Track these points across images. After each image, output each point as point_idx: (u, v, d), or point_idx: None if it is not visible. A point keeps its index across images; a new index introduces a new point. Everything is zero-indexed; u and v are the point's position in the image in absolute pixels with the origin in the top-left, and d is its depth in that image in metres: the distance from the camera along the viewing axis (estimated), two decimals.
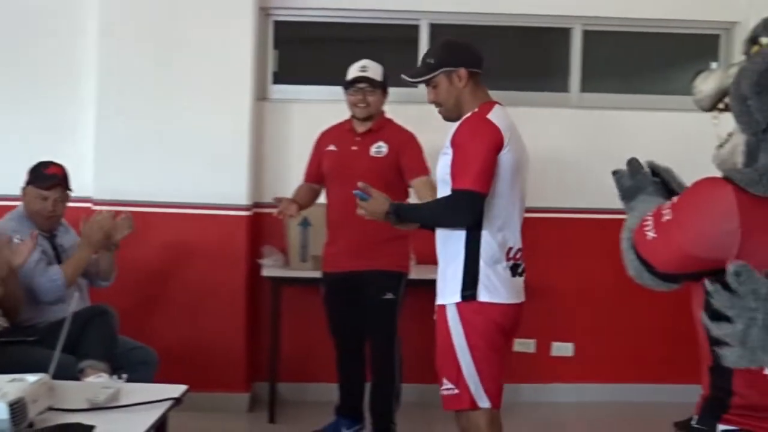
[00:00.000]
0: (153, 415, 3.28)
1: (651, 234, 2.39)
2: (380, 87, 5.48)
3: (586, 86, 6.83)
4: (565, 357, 6.68)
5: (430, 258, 6.26)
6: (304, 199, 5.58)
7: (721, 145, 2.46)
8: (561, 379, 6.66)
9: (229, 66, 6.29)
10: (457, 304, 4.01)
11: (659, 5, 6.74)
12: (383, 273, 5.44)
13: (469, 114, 4.04)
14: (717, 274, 2.29)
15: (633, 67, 7.13)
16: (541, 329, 6.61)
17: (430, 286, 6.06)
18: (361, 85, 5.43)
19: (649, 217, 2.42)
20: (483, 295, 3.99)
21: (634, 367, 6.81)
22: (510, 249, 4.07)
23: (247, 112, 6.33)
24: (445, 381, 4.08)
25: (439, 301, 4.12)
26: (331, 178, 5.51)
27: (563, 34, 6.83)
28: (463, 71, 4.10)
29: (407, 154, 5.45)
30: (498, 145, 3.95)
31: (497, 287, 4.00)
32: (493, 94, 6.67)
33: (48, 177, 5.18)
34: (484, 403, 4.04)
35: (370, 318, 5.52)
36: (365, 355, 5.68)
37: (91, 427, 2.98)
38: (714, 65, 6.89)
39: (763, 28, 2.36)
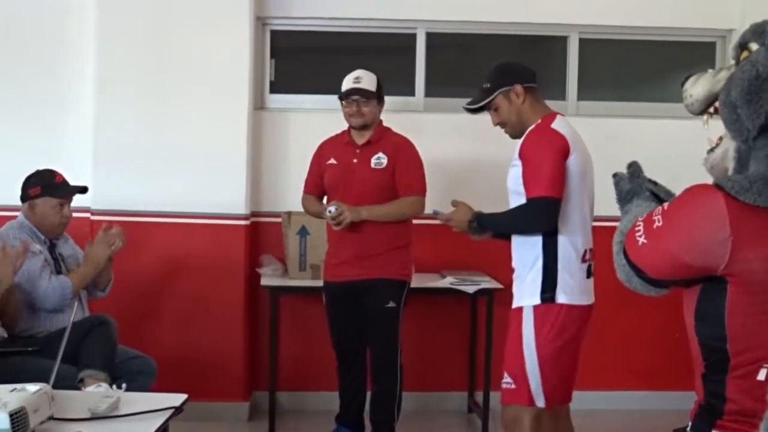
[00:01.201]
0: (154, 424, 3.28)
1: (642, 239, 2.40)
2: (374, 97, 5.49)
3: (583, 94, 6.84)
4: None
5: (429, 266, 6.35)
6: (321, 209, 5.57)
7: (711, 149, 2.48)
8: None
9: (226, 76, 6.29)
10: (535, 306, 4.15)
11: (655, 13, 6.75)
12: (385, 281, 5.45)
13: (533, 126, 4.19)
14: (708, 280, 2.32)
15: (629, 75, 7.14)
16: None
17: (428, 294, 6.18)
18: (355, 97, 5.45)
19: (640, 223, 2.43)
20: (561, 297, 4.14)
21: (631, 375, 6.81)
22: (586, 252, 4.23)
23: (244, 121, 6.33)
24: (506, 375, 4.22)
25: (516, 303, 4.25)
26: (334, 190, 5.53)
27: (560, 42, 6.84)
28: (519, 87, 4.25)
29: (402, 168, 5.47)
30: (565, 152, 4.11)
31: (573, 290, 4.16)
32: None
33: (62, 186, 5.24)
34: (540, 402, 4.16)
35: (371, 326, 5.52)
36: (366, 364, 5.68)
37: None
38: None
39: (752, 34, 2.37)
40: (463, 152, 6.63)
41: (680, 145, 6.41)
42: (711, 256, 2.27)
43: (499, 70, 4.37)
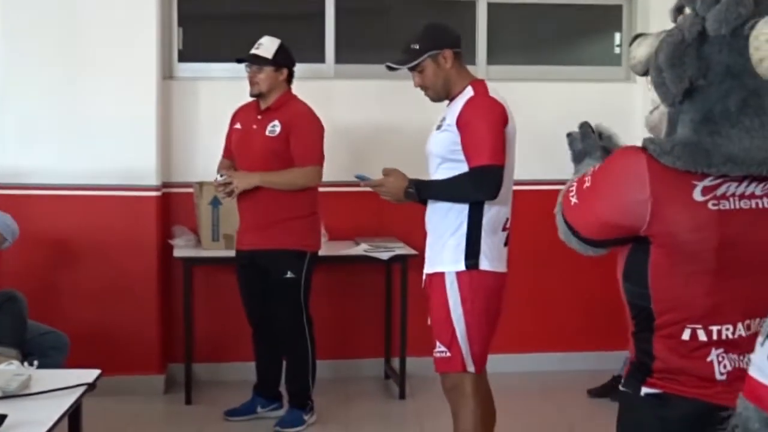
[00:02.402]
0: (67, 401, 3.25)
1: (574, 200, 2.44)
2: (269, 64, 5.43)
3: (493, 59, 6.86)
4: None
5: (342, 234, 6.33)
6: (228, 172, 5.53)
7: (652, 111, 2.50)
8: None
9: (133, 44, 6.20)
10: (458, 272, 4.17)
11: None
12: (283, 252, 5.43)
13: (471, 94, 4.18)
14: (635, 241, 2.36)
15: (538, 38, 7.18)
16: None
17: (343, 262, 6.18)
18: (248, 63, 5.45)
19: (574, 183, 2.47)
20: (484, 264, 4.17)
21: (543, 337, 6.87)
22: (507, 220, 4.27)
23: (153, 91, 6.25)
24: (438, 344, 4.25)
25: (434, 269, 4.26)
26: (236, 155, 5.54)
27: (469, 6, 6.83)
28: (448, 52, 4.23)
29: (296, 137, 5.43)
30: (504, 121, 4.16)
31: (495, 256, 4.20)
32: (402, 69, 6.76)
33: None
34: (470, 367, 4.21)
35: (273, 297, 5.52)
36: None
37: (3, 416, 2.92)
38: (617, 36, 7.01)
39: None
40: (374, 119, 6.63)
41: (590, 107, 6.40)
42: (632, 216, 2.31)
43: (428, 32, 4.34)
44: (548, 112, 6.39)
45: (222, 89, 6.44)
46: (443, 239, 4.22)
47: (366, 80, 6.66)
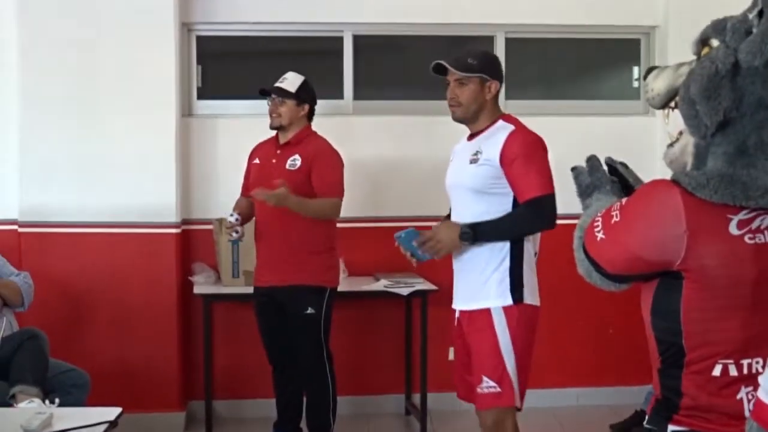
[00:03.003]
0: None
1: (600, 235, 2.42)
2: (292, 98, 5.47)
3: (511, 93, 6.87)
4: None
5: (361, 269, 6.34)
6: (245, 211, 5.54)
7: (671, 144, 2.50)
8: None
9: (153, 83, 6.26)
10: (505, 307, 4.23)
11: (580, 11, 6.81)
12: (303, 288, 5.43)
13: (510, 128, 4.30)
14: (664, 276, 2.34)
15: (556, 73, 7.20)
16: None
17: (363, 297, 6.18)
18: (272, 96, 5.48)
19: (599, 218, 2.45)
20: (528, 298, 4.27)
21: (563, 372, 6.85)
22: (536, 254, 4.39)
23: (172, 128, 6.30)
24: (486, 380, 4.26)
25: (477, 305, 4.29)
26: (254, 189, 5.46)
27: (487, 42, 6.86)
28: (496, 84, 4.39)
29: (317, 171, 5.44)
30: (547, 152, 4.32)
31: (535, 290, 4.32)
32: (420, 104, 6.75)
33: None
34: (518, 402, 4.30)
35: (294, 333, 5.52)
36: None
37: None
38: (636, 69, 7.04)
39: (713, 30, 2.37)
40: (393, 154, 6.66)
41: (608, 140, 6.48)
42: (666, 251, 2.29)
43: (487, 58, 4.50)
44: (567, 146, 6.29)
45: (241, 126, 6.48)
46: (485, 275, 4.26)
47: (384, 116, 6.73)
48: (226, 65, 7.06)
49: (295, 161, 5.45)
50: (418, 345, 6.34)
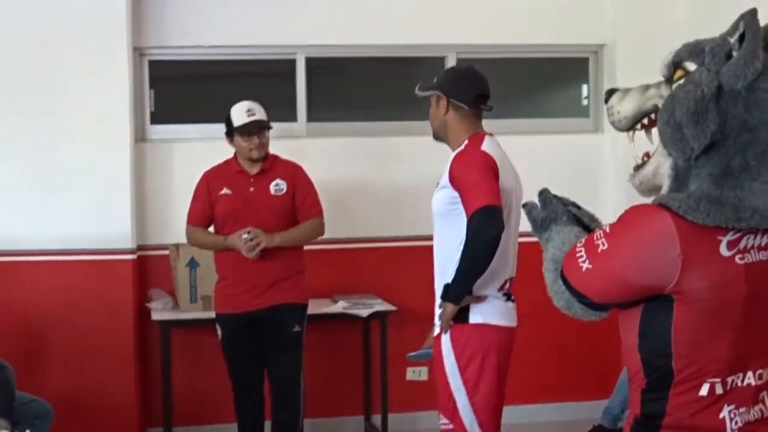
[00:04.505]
0: None
1: (586, 265, 2.40)
2: (269, 127, 5.56)
3: None
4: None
5: (319, 291, 6.38)
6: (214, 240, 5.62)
7: (639, 166, 2.51)
8: None
9: (107, 108, 6.29)
10: (450, 332, 4.16)
11: (530, 31, 6.95)
12: (289, 306, 5.50)
13: (461, 148, 4.23)
14: (652, 299, 2.36)
15: (506, 92, 7.30)
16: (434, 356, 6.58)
17: (321, 320, 6.22)
18: (255, 130, 5.48)
19: (581, 248, 2.43)
20: (476, 317, 4.17)
21: (518, 389, 6.89)
22: (506, 282, 4.26)
23: (127, 154, 6.34)
24: (441, 417, 4.27)
25: (435, 332, 4.28)
26: (229, 220, 5.51)
27: (438, 62, 6.94)
28: (443, 100, 4.33)
29: (301, 192, 5.55)
30: (494, 170, 4.13)
31: (492, 307, 4.19)
32: (375, 126, 6.84)
33: None
34: None
35: (276, 353, 5.54)
36: (264, 393, 5.71)
37: None
38: (585, 87, 7.21)
39: (688, 54, 2.39)
40: (347, 176, 6.73)
41: (557, 159, 6.67)
42: (660, 275, 2.30)
43: (446, 73, 4.58)
44: (517, 164, 6.43)
45: (195, 150, 6.52)
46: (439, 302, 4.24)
47: (338, 138, 6.80)
48: (179, 89, 7.09)
49: (279, 186, 5.53)
50: (377, 366, 6.44)
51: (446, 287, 4.13)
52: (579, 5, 7.02)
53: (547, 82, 7.45)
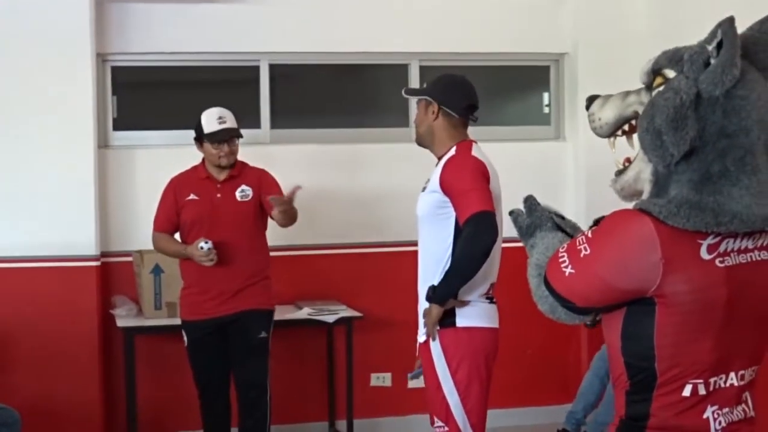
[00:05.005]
0: None
1: (569, 270, 2.45)
2: (239, 135, 5.60)
3: None
4: (421, 388, 6.60)
5: (282, 298, 6.32)
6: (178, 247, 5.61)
7: (621, 171, 2.56)
8: (419, 410, 6.32)
9: (70, 114, 6.32)
10: (439, 336, 4.24)
11: (492, 40, 7.04)
12: (255, 312, 5.53)
13: (452, 154, 4.33)
14: (634, 303, 2.41)
15: None
16: (397, 362, 6.57)
17: (285, 326, 6.22)
18: (225, 139, 5.51)
19: (563, 253, 2.48)
20: (463, 320, 4.25)
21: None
22: (490, 287, 4.36)
23: (91, 160, 6.36)
24: (436, 420, 4.37)
25: (422, 338, 4.35)
26: (196, 226, 5.52)
27: (401, 70, 7.03)
28: (435, 107, 4.43)
29: (267, 190, 5.54)
30: (485, 176, 4.26)
31: (477, 311, 4.28)
32: (340, 132, 6.91)
33: None
34: None
35: (243, 360, 5.55)
36: (230, 400, 5.71)
37: None
38: (546, 95, 7.31)
39: (668, 61, 2.43)
40: (312, 183, 6.52)
41: (518, 167, 6.67)
42: (642, 279, 2.35)
43: (439, 80, 4.59)
44: None
45: (158, 156, 6.54)
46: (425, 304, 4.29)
47: (303, 145, 6.84)
48: (142, 96, 7.09)
49: (245, 191, 5.56)
50: (342, 372, 6.49)
51: (432, 289, 4.20)
52: (540, 14, 7.12)
53: (509, 90, 7.56)
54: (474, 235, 4.10)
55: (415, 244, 4.53)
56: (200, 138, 5.57)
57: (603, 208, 2.69)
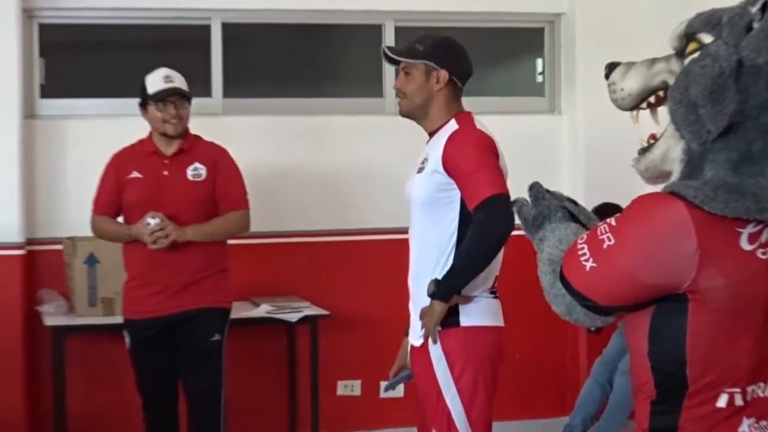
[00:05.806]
0: None
1: (590, 264, 2.31)
2: (189, 99, 5.21)
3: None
4: (395, 398, 6.29)
5: (236, 293, 5.94)
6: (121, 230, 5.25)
7: (645, 149, 2.43)
8: (392, 424, 6.44)
9: None
10: (440, 337, 4.01)
11: None
12: (207, 311, 5.17)
13: (454, 128, 4.07)
14: (664, 300, 2.27)
15: None
16: (368, 368, 6.33)
17: (240, 325, 5.78)
18: (172, 98, 5.13)
19: (583, 245, 2.34)
20: (468, 320, 4.03)
21: None
22: (495, 279, 4.12)
23: (15, 132, 5.97)
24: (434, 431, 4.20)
25: (418, 341, 4.12)
26: (139, 208, 5.15)
27: (375, 31, 6.69)
28: (444, 73, 4.13)
29: (224, 180, 5.22)
30: (495, 152, 4.04)
31: (483, 308, 4.06)
32: (302, 102, 6.66)
33: None
34: None
35: (193, 365, 5.22)
36: (177, 408, 5.39)
37: None
38: (539, 62, 6.99)
39: (704, 24, 2.30)
40: (270, 160, 6.40)
41: (509, 143, 6.16)
42: (675, 273, 2.23)
43: (439, 44, 4.25)
44: None
45: (93, 128, 6.22)
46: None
47: (260, 116, 6.51)
48: (74, 58, 6.72)
49: (198, 171, 5.19)
50: (305, 378, 6.17)
51: (436, 284, 3.95)
52: None
53: (497, 55, 7.27)
54: (488, 222, 3.87)
55: (390, 231, 4.45)
56: (145, 103, 5.20)
57: (603, 191, 2.52)
